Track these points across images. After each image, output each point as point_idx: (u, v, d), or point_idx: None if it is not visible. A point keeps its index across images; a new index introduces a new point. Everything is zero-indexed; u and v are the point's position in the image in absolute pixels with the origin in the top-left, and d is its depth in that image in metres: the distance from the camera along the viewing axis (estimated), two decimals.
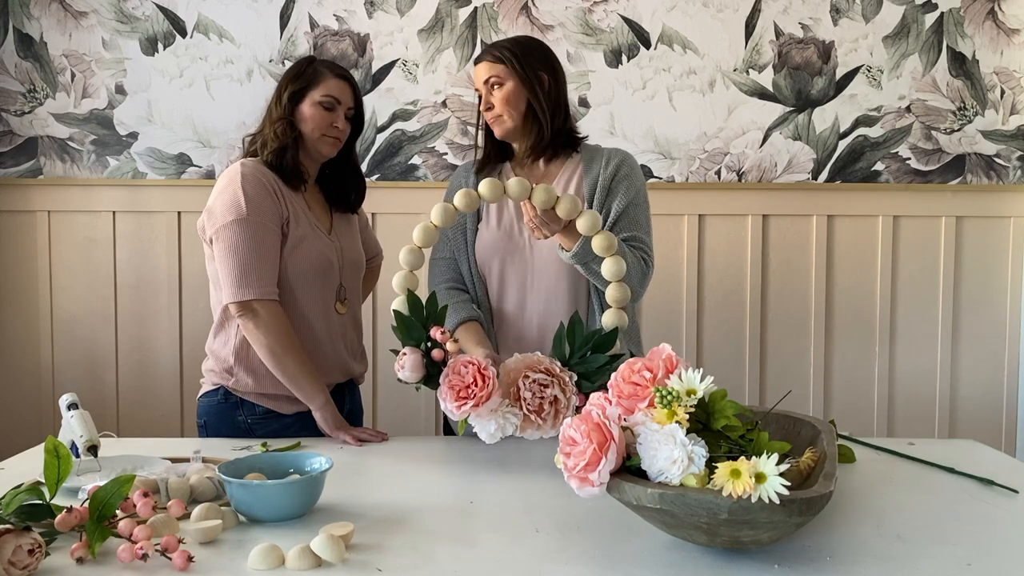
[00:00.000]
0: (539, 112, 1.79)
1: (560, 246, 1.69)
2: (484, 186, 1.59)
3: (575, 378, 1.50)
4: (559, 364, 1.51)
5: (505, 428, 1.45)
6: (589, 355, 1.53)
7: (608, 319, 1.62)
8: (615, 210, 1.77)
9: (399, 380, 1.54)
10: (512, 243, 1.80)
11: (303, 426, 1.74)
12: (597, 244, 1.59)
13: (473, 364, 1.46)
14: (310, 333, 1.76)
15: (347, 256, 1.85)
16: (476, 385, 1.43)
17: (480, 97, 1.81)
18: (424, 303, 1.55)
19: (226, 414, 1.76)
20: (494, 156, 1.87)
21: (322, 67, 1.79)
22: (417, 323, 1.53)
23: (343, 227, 1.88)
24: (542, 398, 1.46)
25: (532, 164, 1.85)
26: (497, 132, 1.81)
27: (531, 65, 1.79)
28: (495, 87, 1.77)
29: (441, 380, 1.49)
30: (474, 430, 1.48)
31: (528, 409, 1.46)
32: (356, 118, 1.84)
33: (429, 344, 1.52)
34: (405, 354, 1.52)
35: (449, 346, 1.51)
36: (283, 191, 1.73)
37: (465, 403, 1.44)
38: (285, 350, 1.67)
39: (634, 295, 1.69)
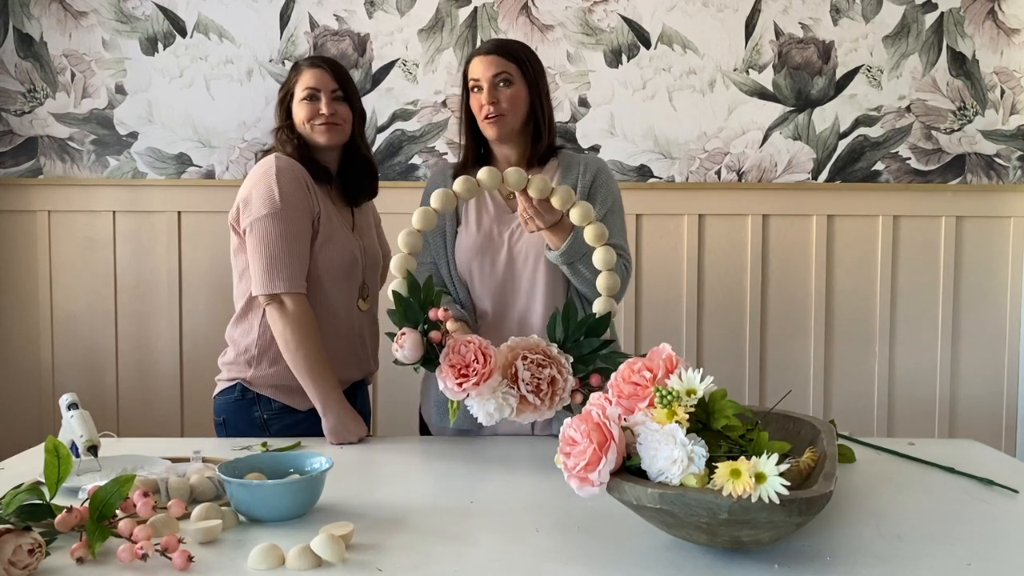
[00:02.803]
0: (541, 121, 1.79)
1: (547, 246, 1.70)
2: (459, 183, 1.57)
3: (571, 360, 1.50)
4: (555, 347, 1.50)
5: (503, 408, 1.44)
6: (583, 339, 1.53)
7: (600, 306, 1.62)
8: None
9: (395, 362, 1.51)
10: (491, 245, 1.78)
11: (316, 422, 1.74)
12: (590, 234, 1.59)
13: (473, 343, 1.44)
14: (335, 328, 1.78)
15: (368, 254, 1.88)
16: (478, 362, 1.42)
17: (472, 90, 1.76)
18: (422, 285, 1.54)
19: (243, 410, 1.78)
20: (472, 161, 1.82)
21: (299, 64, 1.84)
22: (415, 305, 1.52)
23: (363, 225, 1.91)
24: (539, 378, 1.45)
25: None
26: (493, 132, 1.75)
27: (538, 72, 1.79)
28: (503, 83, 1.73)
29: (441, 359, 1.47)
30: (472, 410, 1.45)
31: (527, 389, 1.44)
32: (351, 102, 1.84)
33: (426, 327, 1.51)
34: (404, 334, 1.50)
35: (449, 325, 1.50)
36: (314, 187, 1.77)
37: (466, 380, 1.42)
38: (299, 344, 1.68)
39: (616, 298, 1.70)
